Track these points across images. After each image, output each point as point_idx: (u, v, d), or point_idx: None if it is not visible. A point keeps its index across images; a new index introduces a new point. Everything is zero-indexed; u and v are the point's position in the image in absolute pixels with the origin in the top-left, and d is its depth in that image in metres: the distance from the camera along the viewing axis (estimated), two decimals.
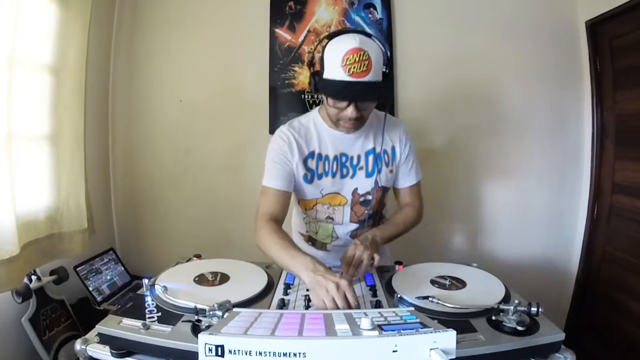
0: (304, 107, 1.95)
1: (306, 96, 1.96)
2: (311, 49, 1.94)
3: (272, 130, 1.97)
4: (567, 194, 1.97)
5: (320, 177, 1.10)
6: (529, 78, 1.93)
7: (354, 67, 0.89)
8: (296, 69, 1.95)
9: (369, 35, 0.95)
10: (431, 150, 1.97)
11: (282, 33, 1.96)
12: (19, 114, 1.34)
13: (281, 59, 1.96)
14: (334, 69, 0.92)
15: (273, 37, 1.96)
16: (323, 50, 0.96)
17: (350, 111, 0.96)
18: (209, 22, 2.01)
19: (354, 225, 1.17)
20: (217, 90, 2.03)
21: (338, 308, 0.76)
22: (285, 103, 1.97)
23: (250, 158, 2.02)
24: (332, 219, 1.16)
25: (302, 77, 1.95)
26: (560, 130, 1.94)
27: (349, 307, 0.76)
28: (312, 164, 1.09)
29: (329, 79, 0.94)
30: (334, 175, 1.10)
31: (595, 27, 1.79)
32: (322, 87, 0.96)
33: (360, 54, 0.89)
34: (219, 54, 2.02)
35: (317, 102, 1.95)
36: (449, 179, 2.01)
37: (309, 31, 1.95)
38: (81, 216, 1.62)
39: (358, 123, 1.02)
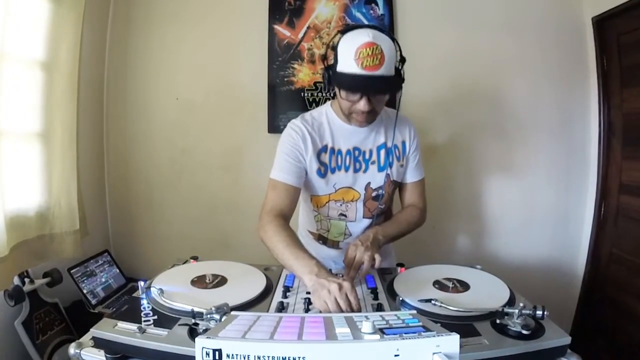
0: (304, 105, 1.95)
1: (306, 94, 1.96)
2: (311, 45, 1.95)
3: (270, 129, 1.98)
4: (573, 194, 1.97)
5: (333, 170, 1.12)
6: (534, 75, 1.93)
7: (367, 61, 0.92)
8: (295, 66, 1.95)
9: (382, 31, 0.98)
10: (434, 149, 1.97)
11: (281, 29, 1.96)
12: (9, 110, 1.34)
13: (280, 56, 1.96)
14: (347, 63, 0.94)
15: (272, 33, 1.96)
16: (337, 45, 0.99)
17: (362, 104, 0.98)
18: (206, 18, 2.01)
19: (367, 222, 1.18)
20: (215, 88, 2.03)
21: (340, 310, 0.76)
22: (285, 101, 1.97)
23: (249, 157, 2.02)
24: (345, 215, 1.17)
25: (301, 74, 1.95)
26: (566, 129, 1.94)
27: (351, 309, 0.76)
28: (325, 157, 1.11)
29: (342, 72, 0.96)
30: (347, 170, 1.12)
31: (602, 24, 1.79)
32: (335, 80, 0.99)
33: (373, 48, 0.92)
34: (216, 51, 2.02)
35: (317, 100, 1.95)
36: (452, 178, 2.01)
37: (308, 27, 1.94)
38: (73, 217, 1.61)
39: (370, 116, 1.04)
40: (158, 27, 2.03)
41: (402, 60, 1.02)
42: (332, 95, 1.08)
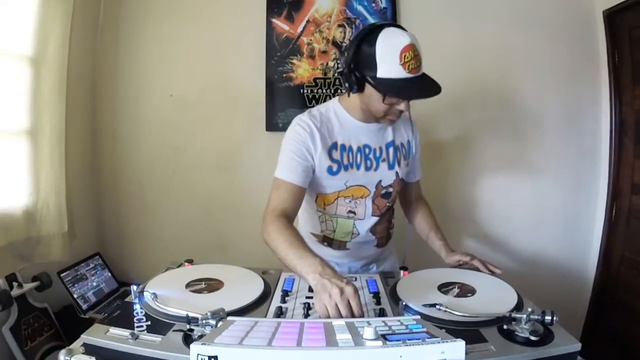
0: (303, 102, 1.95)
1: (305, 90, 1.96)
2: (310, 40, 1.95)
3: (268, 127, 1.98)
4: (584, 195, 1.97)
5: (346, 168, 1.13)
6: (543, 71, 1.93)
7: (412, 64, 0.95)
8: (294, 61, 1.95)
9: (400, 27, 1.00)
10: (440, 148, 1.97)
11: (280, 23, 1.96)
12: None
13: (279, 51, 1.96)
14: (392, 68, 0.95)
15: (270, 27, 1.96)
16: (372, 48, 0.96)
17: (404, 106, 1.02)
18: (202, 11, 2.01)
19: (374, 219, 1.19)
20: (210, 84, 2.03)
21: (341, 315, 0.76)
22: (283, 98, 1.97)
23: (246, 157, 2.02)
24: (354, 213, 1.17)
25: (300, 70, 1.95)
26: (576, 126, 1.94)
27: (353, 315, 0.76)
28: (337, 155, 1.12)
29: (388, 77, 0.97)
30: (358, 167, 1.14)
31: (613, 17, 1.79)
32: (382, 87, 0.98)
33: (414, 50, 0.95)
34: (212, 46, 2.02)
35: (317, 96, 1.95)
36: (457, 178, 2.01)
37: (308, 21, 1.94)
38: (61, 218, 1.61)
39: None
40: (151, 20, 2.03)
41: None
42: (347, 92, 1.07)
